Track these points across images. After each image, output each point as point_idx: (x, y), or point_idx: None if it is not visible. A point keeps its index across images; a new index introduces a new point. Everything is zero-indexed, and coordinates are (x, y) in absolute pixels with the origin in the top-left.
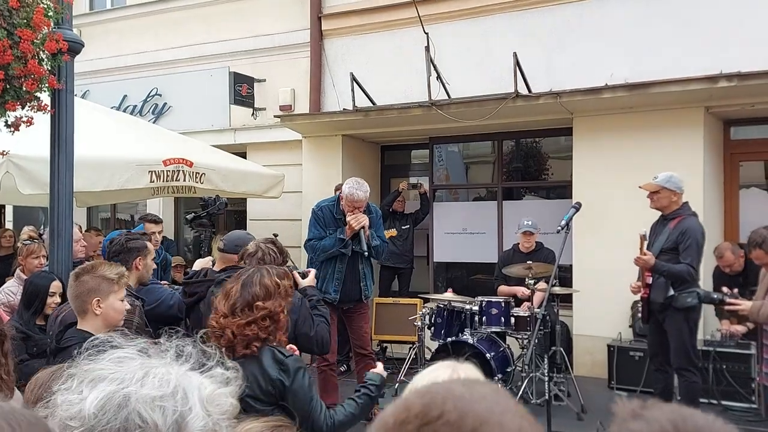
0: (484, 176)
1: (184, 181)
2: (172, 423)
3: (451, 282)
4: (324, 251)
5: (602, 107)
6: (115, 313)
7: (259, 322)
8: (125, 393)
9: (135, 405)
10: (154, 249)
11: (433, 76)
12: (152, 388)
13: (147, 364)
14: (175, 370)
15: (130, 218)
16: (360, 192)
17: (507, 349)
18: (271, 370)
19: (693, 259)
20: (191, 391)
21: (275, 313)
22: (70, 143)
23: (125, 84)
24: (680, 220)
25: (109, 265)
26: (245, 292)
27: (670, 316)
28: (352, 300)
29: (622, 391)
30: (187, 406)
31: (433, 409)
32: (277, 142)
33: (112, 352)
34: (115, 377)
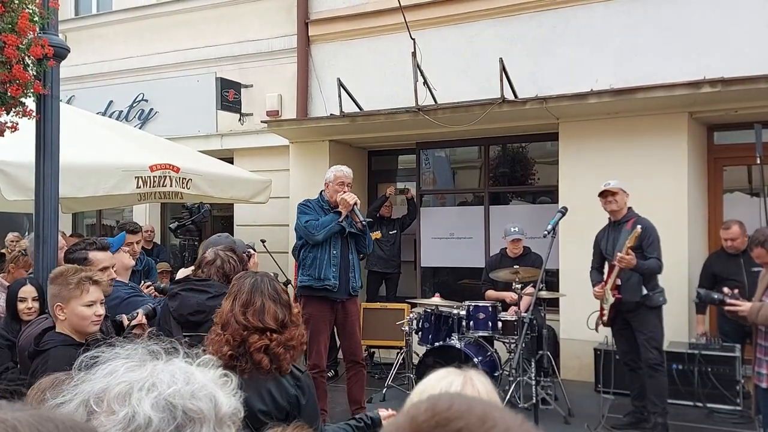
0: (471, 181)
1: (171, 187)
2: (212, 408)
3: (438, 287)
4: (324, 226)
5: (588, 112)
6: (78, 319)
7: (285, 344)
8: (166, 396)
9: (181, 403)
10: (129, 256)
11: (419, 82)
12: (185, 385)
13: (157, 367)
14: (182, 364)
15: (115, 224)
16: (346, 168)
17: (494, 354)
18: (288, 386)
19: (658, 253)
20: (206, 379)
21: (293, 338)
22: (56, 149)
23: (111, 89)
24: (634, 221)
25: (74, 271)
26: (273, 308)
27: (641, 315)
28: (343, 291)
29: (609, 395)
30: (213, 392)
31: (438, 415)
32: (264, 148)
33: (107, 366)
34: (145, 386)
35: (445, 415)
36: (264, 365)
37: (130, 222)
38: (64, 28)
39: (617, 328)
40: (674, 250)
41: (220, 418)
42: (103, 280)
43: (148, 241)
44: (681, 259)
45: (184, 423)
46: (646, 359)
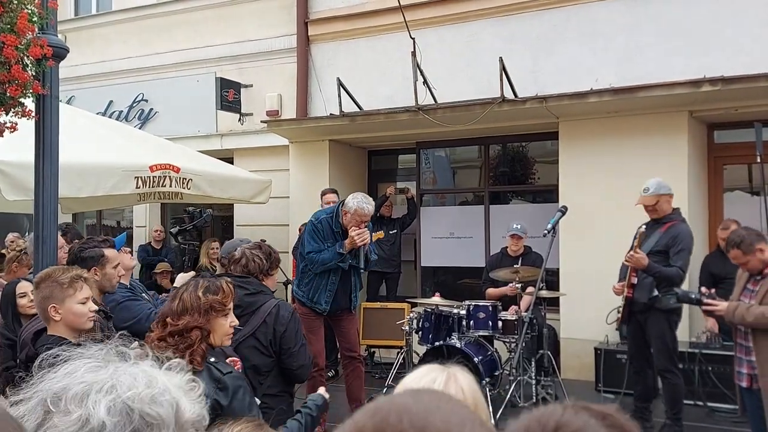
0: (471, 181)
1: (171, 187)
2: (174, 413)
3: (438, 286)
4: (323, 264)
5: (588, 111)
6: (75, 317)
7: (167, 338)
8: (124, 399)
9: (139, 407)
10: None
11: (419, 81)
12: (145, 388)
13: (119, 369)
14: (147, 367)
15: (116, 224)
16: (369, 206)
17: (495, 353)
18: (206, 389)
19: (683, 263)
20: (170, 384)
21: (188, 328)
22: (55, 149)
23: (111, 90)
24: (672, 225)
25: (63, 270)
26: (166, 306)
27: (652, 317)
28: (339, 309)
29: (609, 394)
30: (175, 397)
31: (388, 428)
32: (264, 148)
33: (69, 364)
34: (104, 387)
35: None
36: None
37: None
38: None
39: (630, 328)
40: None
41: (182, 425)
42: (90, 278)
43: (158, 241)
44: None
45: (141, 428)
46: (656, 365)
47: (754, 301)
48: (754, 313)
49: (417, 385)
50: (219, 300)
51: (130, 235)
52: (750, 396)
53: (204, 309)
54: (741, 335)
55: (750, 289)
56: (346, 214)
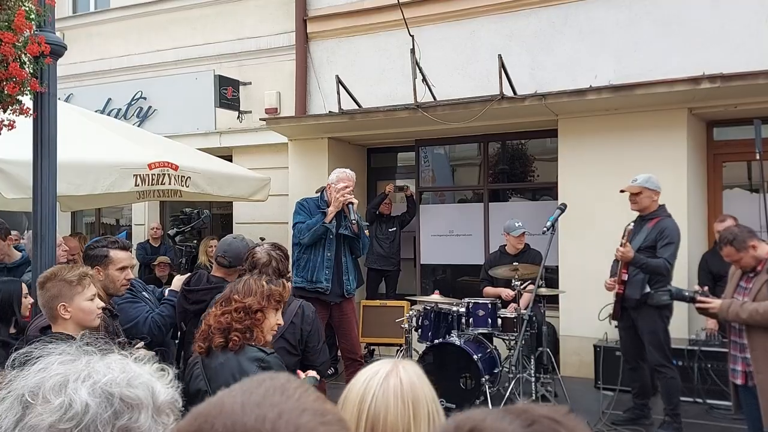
0: (471, 178)
1: (170, 185)
2: (150, 395)
3: (437, 284)
4: (309, 229)
5: (587, 109)
6: (84, 314)
7: (232, 313)
8: (102, 384)
9: (117, 390)
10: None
11: (418, 79)
12: (120, 373)
13: (92, 359)
14: (117, 357)
15: (115, 222)
16: (348, 171)
17: (494, 351)
18: (249, 368)
19: (670, 255)
20: (143, 370)
21: (251, 307)
22: (53, 147)
23: (109, 87)
24: (658, 221)
25: (69, 268)
26: (229, 288)
27: (643, 314)
28: (336, 294)
29: (608, 391)
30: (150, 381)
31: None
32: (263, 145)
33: (41, 360)
34: (80, 376)
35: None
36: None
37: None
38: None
39: (622, 325)
40: None
41: (158, 406)
42: (96, 276)
43: (155, 238)
44: (680, 255)
45: (122, 410)
46: (649, 361)
47: (747, 298)
48: (748, 310)
49: (361, 375)
50: (279, 291)
51: (129, 233)
52: (746, 393)
53: (266, 294)
54: (735, 332)
55: (743, 287)
56: (330, 187)
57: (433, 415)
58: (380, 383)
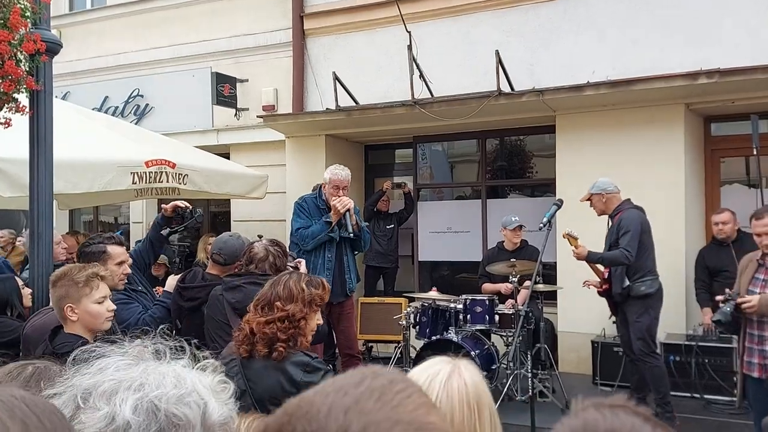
0: (469, 175)
1: (167, 183)
2: (201, 415)
3: (435, 281)
4: (313, 237)
5: (585, 105)
6: (91, 317)
7: (277, 322)
8: (151, 398)
9: (165, 406)
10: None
11: (415, 75)
12: (173, 388)
13: (149, 367)
14: (177, 367)
15: (113, 220)
16: (343, 172)
17: (491, 347)
18: (295, 374)
19: (628, 243)
20: (200, 384)
21: (295, 316)
22: (49, 145)
23: (106, 85)
24: (620, 215)
25: (79, 269)
26: (269, 291)
27: (629, 305)
28: (338, 294)
29: (606, 387)
30: (204, 398)
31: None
32: (260, 143)
33: (102, 360)
34: (132, 385)
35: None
36: (259, 350)
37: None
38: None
39: (618, 319)
40: (671, 241)
41: (208, 426)
42: (108, 275)
43: None
44: (678, 251)
45: (167, 427)
46: (634, 351)
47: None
48: None
49: (420, 376)
50: (320, 295)
51: (127, 231)
52: (758, 386)
53: (308, 300)
54: (753, 325)
55: (759, 278)
56: (324, 186)
57: (494, 418)
58: (443, 385)
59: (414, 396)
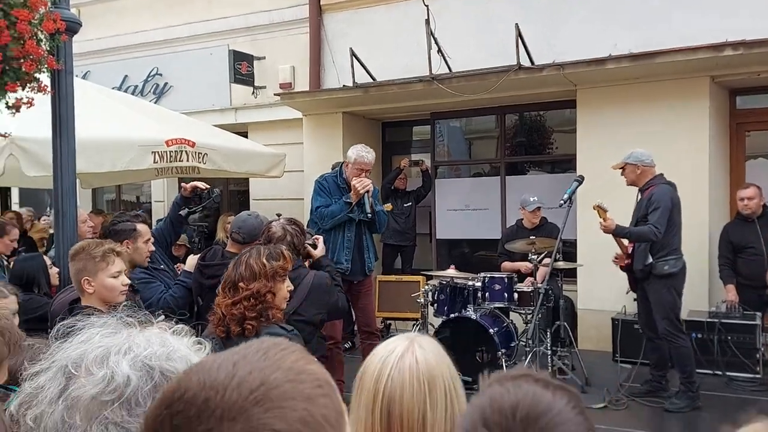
0: (487, 151)
1: (187, 162)
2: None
3: (453, 259)
4: (332, 217)
5: (606, 78)
6: (107, 291)
7: (243, 302)
8: (143, 357)
9: (158, 363)
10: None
11: (433, 50)
12: (160, 347)
13: (132, 333)
14: (156, 331)
15: (135, 199)
16: (369, 155)
17: (510, 325)
18: None
19: (657, 220)
20: (181, 344)
21: (260, 292)
22: (71, 124)
23: (126, 64)
24: (650, 189)
25: (97, 244)
26: (232, 273)
27: (651, 284)
28: (357, 273)
29: (626, 364)
30: (188, 356)
31: (179, 388)
32: (277, 121)
33: (83, 333)
34: (122, 349)
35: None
36: (233, 330)
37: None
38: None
39: (638, 297)
40: (695, 216)
41: None
42: (130, 252)
43: None
44: (702, 226)
45: (162, 383)
46: (659, 331)
47: None
48: None
49: (377, 353)
50: (282, 266)
51: (148, 210)
52: None
53: (270, 274)
54: None
55: None
56: (347, 165)
57: (450, 393)
58: (396, 363)
59: (296, 352)
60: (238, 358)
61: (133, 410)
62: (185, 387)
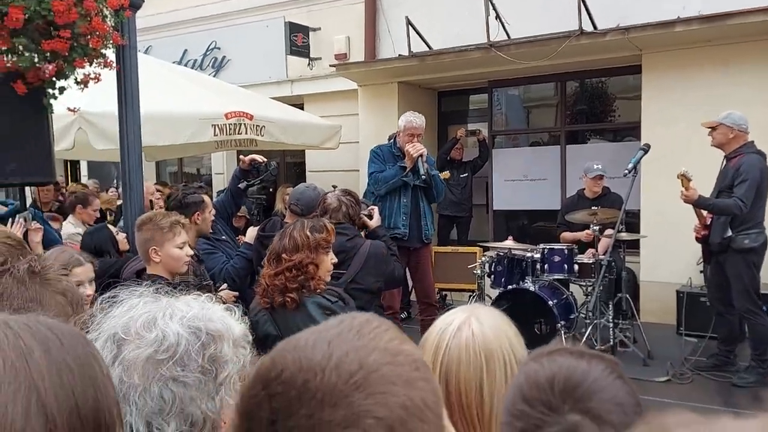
0: (546, 120)
1: (246, 134)
2: (227, 329)
3: (510, 230)
4: (386, 181)
5: (674, 42)
6: (172, 261)
7: (285, 273)
8: (188, 319)
9: (202, 324)
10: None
11: (491, 16)
12: (201, 310)
13: (170, 300)
14: (190, 299)
15: (196, 172)
16: (417, 119)
17: (570, 297)
18: (316, 315)
19: (744, 193)
20: (214, 308)
21: (302, 263)
22: (136, 98)
23: (185, 38)
24: (739, 158)
25: (164, 215)
26: (276, 245)
27: (729, 258)
28: (414, 239)
29: (691, 337)
30: (224, 317)
31: (274, 367)
32: (333, 93)
33: (125, 303)
34: (166, 313)
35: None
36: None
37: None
38: None
39: (711, 270)
40: None
41: (235, 339)
42: (188, 224)
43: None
44: None
45: (209, 341)
46: (736, 306)
47: None
48: None
49: (436, 326)
50: (324, 238)
51: (209, 182)
52: None
53: (313, 246)
54: None
55: None
56: (399, 134)
57: (510, 365)
58: (453, 335)
59: (389, 331)
60: (332, 336)
61: (187, 366)
62: (281, 366)
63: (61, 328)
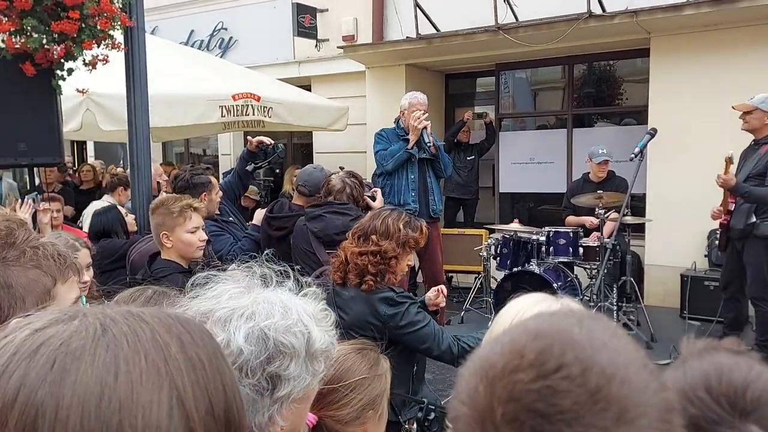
0: (554, 103)
1: (253, 116)
2: (305, 343)
3: (516, 213)
4: (392, 155)
5: (683, 25)
6: (185, 246)
7: (369, 255)
8: (262, 327)
9: (274, 335)
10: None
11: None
12: (281, 319)
13: (258, 296)
14: (284, 296)
15: (202, 152)
16: (419, 95)
17: (575, 279)
18: (380, 308)
19: None
20: (304, 314)
21: (387, 253)
22: (144, 80)
23: (192, 19)
24: None
25: (175, 199)
26: (368, 223)
27: (749, 244)
28: (424, 214)
29: (695, 321)
30: (308, 328)
31: (550, 359)
32: (340, 74)
33: (215, 288)
34: (244, 314)
35: (554, 362)
36: (350, 279)
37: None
38: None
39: (727, 255)
40: None
41: (312, 353)
42: (202, 207)
43: None
44: None
45: (275, 355)
46: (748, 293)
47: None
48: None
49: (530, 311)
50: (415, 238)
51: (215, 163)
52: None
53: (403, 241)
54: None
55: None
56: (403, 113)
57: None
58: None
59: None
60: (603, 337)
61: (241, 380)
62: (559, 361)
63: (189, 321)
